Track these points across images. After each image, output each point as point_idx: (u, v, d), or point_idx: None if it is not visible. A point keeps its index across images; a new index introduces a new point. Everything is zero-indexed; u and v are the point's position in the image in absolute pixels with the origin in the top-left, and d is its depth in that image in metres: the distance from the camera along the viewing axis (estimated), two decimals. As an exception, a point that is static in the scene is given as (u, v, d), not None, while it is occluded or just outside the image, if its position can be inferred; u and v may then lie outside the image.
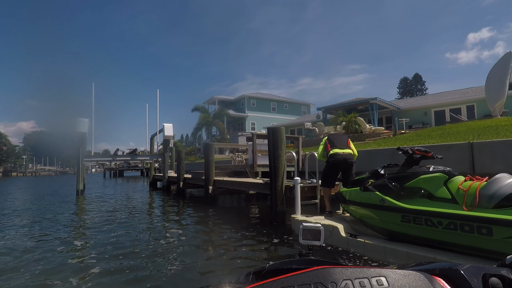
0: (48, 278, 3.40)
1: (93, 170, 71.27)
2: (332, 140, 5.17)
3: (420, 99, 25.01)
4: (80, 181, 13.83)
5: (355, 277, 0.39)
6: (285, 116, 41.44)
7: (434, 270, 0.47)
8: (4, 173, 48.12)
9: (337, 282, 0.39)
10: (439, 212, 3.05)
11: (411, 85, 62.57)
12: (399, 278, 0.41)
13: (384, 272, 0.40)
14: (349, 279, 0.39)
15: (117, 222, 6.90)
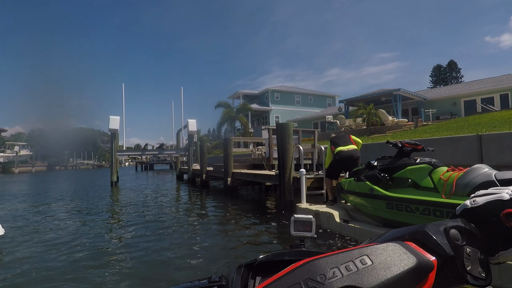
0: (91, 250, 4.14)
1: (126, 163, 75.14)
2: (335, 141, 5.49)
3: (449, 89, 23.93)
4: (113, 174, 15.07)
5: (340, 263, 0.40)
6: (310, 108, 41.19)
7: (404, 236, 0.50)
8: (49, 167, 52.34)
9: (325, 273, 0.39)
10: (415, 199, 3.37)
11: (445, 73, 59.26)
12: (380, 253, 0.43)
13: (365, 251, 0.42)
14: (335, 266, 0.40)
15: (146, 209, 7.71)
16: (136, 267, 3.58)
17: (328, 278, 0.39)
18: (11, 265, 3.66)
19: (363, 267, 0.40)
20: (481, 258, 0.50)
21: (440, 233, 0.49)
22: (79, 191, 13.88)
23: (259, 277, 0.62)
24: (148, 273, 3.41)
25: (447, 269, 0.47)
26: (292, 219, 0.91)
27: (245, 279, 0.60)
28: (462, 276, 0.47)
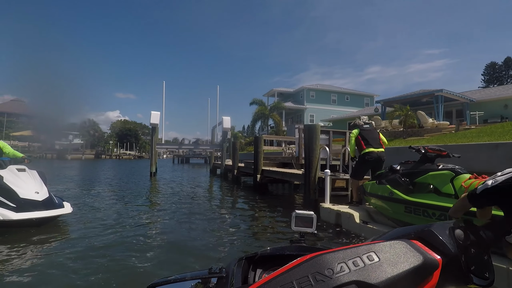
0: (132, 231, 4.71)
1: (164, 156, 78.86)
2: (365, 137, 5.52)
3: (500, 89, 22.03)
4: (153, 165, 16.15)
5: (348, 259, 0.41)
6: (346, 108, 40.22)
7: (410, 234, 0.50)
8: (96, 156, 56.76)
9: (333, 267, 0.40)
10: (432, 205, 3.43)
11: (500, 71, 54.45)
12: (387, 250, 0.43)
13: (372, 247, 0.42)
14: (342, 261, 0.40)
15: (180, 198, 8.33)
16: (160, 247, 4.05)
17: (336, 272, 0.39)
18: (77, 238, 4.33)
19: (370, 263, 0.41)
20: (485, 258, 0.51)
21: (446, 232, 0.50)
22: (123, 178, 15.13)
23: (259, 270, 0.64)
24: (169, 255, 3.83)
25: (452, 268, 0.48)
26: (293, 215, 0.93)
27: (246, 272, 0.61)
28: (466, 275, 0.49)
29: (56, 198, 5.12)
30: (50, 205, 4.76)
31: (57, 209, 4.78)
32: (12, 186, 4.61)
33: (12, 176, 4.75)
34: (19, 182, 4.73)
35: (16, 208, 4.41)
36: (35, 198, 4.63)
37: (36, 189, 4.77)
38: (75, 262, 3.41)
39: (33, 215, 4.43)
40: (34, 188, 4.78)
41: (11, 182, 4.65)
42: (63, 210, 4.87)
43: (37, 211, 4.50)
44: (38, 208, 4.55)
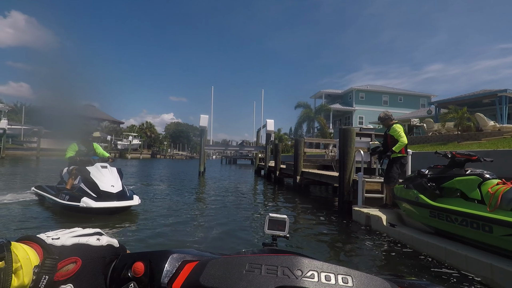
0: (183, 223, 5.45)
1: (213, 157, 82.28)
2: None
3: None
4: (201, 165, 17.31)
5: (322, 271, 0.40)
6: (399, 109, 38.16)
7: (403, 283, 0.48)
8: (152, 155, 61.63)
9: (303, 271, 0.39)
10: (454, 210, 3.49)
11: None
12: (365, 281, 0.41)
13: (352, 272, 0.41)
14: (315, 270, 0.40)
15: (224, 194, 9.03)
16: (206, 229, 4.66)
17: (303, 276, 0.39)
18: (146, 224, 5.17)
19: (342, 284, 0.39)
20: None
21: None
22: (176, 176, 16.60)
23: None
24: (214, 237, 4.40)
25: None
26: (266, 218, 0.93)
27: None
28: None
29: (128, 191, 6.05)
30: (122, 197, 5.65)
31: (127, 201, 5.65)
32: (96, 180, 5.64)
33: (97, 172, 5.82)
34: (101, 176, 5.74)
35: (96, 198, 5.36)
36: (110, 190, 5.57)
37: (112, 183, 5.72)
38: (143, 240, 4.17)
39: (108, 205, 5.33)
40: (111, 182, 5.73)
41: (95, 176, 5.70)
42: (132, 202, 5.73)
43: (111, 202, 5.40)
44: (113, 199, 5.46)
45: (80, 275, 0.43)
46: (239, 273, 0.40)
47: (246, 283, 0.38)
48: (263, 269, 0.40)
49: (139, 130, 68.08)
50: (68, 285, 0.41)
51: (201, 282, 0.40)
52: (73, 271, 0.42)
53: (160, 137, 77.82)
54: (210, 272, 0.41)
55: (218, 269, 0.41)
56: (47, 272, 0.39)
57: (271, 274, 0.39)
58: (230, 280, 0.39)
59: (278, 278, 0.38)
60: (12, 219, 4.94)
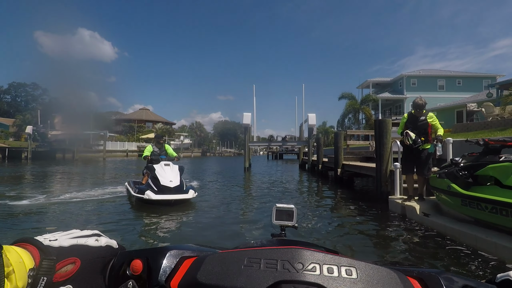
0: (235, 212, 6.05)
1: (261, 153, 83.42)
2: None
3: None
4: (246, 161, 18.04)
5: (324, 263, 0.38)
6: (458, 94, 34.96)
7: (412, 272, 0.45)
8: (202, 153, 64.88)
9: (304, 263, 0.38)
10: (484, 198, 3.48)
11: None
12: (370, 272, 0.39)
13: (356, 264, 0.39)
14: (317, 263, 0.38)
15: (266, 187, 9.52)
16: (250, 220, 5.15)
17: (305, 269, 0.37)
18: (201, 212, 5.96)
19: (345, 277, 0.37)
20: None
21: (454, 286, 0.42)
22: (224, 172, 17.81)
23: None
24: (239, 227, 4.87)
25: None
26: (273, 208, 0.91)
27: None
28: None
29: (186, 186, 6.87)
30: (179, 191, 6.44)
31: (183, 195, 6.42)
32: (158, 176, 6.53)
33: (160, 169, 6.74)
34: (163, 173, 6.63)
35: (156, 191, 6.22)
36: (169, 185, 6.40)
37: (171, 179, 6.55)
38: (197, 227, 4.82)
39: (165, 197, 6.14)
40: (170, 178, 6.56)
41: (158, 173, 6.60)
42: (187, 195, 6.46)
43: (168, 195, 6.21)
44: (170, 192, 6.26)
45: (79, 276, 0.42)
46: (237, 268, 0.39)
47: (245, 278, 0.37)
48: (262, 264, 0.38)
49: (190, 130, 72.03)
50: (67, 286, 0.41)
51: (198, 279, 0.39)
52: (72, 271, 0.42)
53: (209, 136, 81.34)
54: (208, 269, 0.40)
55: (216, 265, 0.41)
56: (45, 274, 0.39)
57: (271, 269, 0.38)
58: (229, 276, 0.38)
59: (278, 272, 0.37)
60: (97, 212, 5.96)
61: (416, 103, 5.23)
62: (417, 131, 5.21)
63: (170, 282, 0.42)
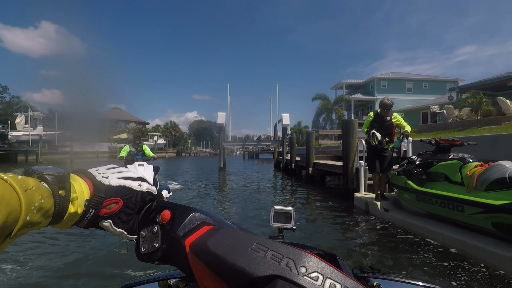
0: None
1: (237, 152, 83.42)
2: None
3: None
4: (221, 160, 18.02)
5: (329, 276, 0.36)
6: (423, 96, 36.89)
7: None
8: (177, 154, 63.79)
9: (308, 269, 0.36)
10: (433, 193, 3.79)
11: None
12: None
13: None
14: (321, 274, 0.36)
15: (239, 186, 9.58)
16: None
17: (307, 274, 0.36)
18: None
19: None
20: None
21: None
22: (198, 172, 17.69)
23: None
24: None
25: None
26: (272, 211, 0.91)
27: None
28: None
29: (160, 186, 6.80)
30: None
31: None
32: None
33: (133, 169, 6.60)
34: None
35: None
36: None
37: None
38: None
39: None
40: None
41: None
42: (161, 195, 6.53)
43: None
44: None
45: (119, 215, 0.47)
46: (244, 248, 0.40)
47: (247, 260, 0.38)
48: (268, 254, 0.38)
49: (164, 130, 70.50)
50: (108, 221, 0.46)
51: (208, 245, 0.41)
52: (114, 210, 0.46)
53: (184, 136, 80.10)
54: (218, 239, 0.42)
55: (226, 238, 0.42)
56: (94, 207, 0.43)
57: (274, 261, 0.37)
58: (234, 252, 0.39)
59: (280, 267, 0.37)
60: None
61: (384, 103, 5.34)
62: (383, 131, 5.35)
63: (186, 239, 0.45)
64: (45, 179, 0.38)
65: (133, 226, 0.49)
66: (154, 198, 0.53)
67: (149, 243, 0.46)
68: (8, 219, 0.31)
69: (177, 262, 0.45)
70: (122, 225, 0.47)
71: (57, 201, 0.38)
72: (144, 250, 0.46)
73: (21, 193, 0.33)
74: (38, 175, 0.39)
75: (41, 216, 0.35)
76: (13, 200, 0.32)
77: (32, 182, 0.36)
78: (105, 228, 0.46)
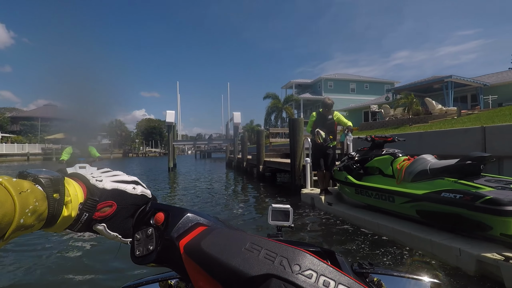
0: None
1: (189, 152, 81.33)
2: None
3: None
4: (170, 161, 17.42)
5: (323, 273, 0.36)
6: (365, 96, 39.76)
7: None
8: (124, 154, 60.08)
9: (302, 267, 0.36)
10: (369, 186, 4.13)
11: (532, 51, 51.00)
12: None
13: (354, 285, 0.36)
14: (316, 271, 0.36)
15: (195, 184, 9.36)
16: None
17: (301, 272, 0.36)
18: None
19: None
20: None
21: None
22: (146, 173, 16.85)
23: None
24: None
25: None
26: (270, 209, 0.92)
27: None
28: None
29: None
30: None
31: None
32: None
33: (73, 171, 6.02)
34: None
35: None
36: None
37: None
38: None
39: None
40: None
41: None
42: None
43: None
44: None
45: (113, 218, 0.47)
46: (238, 248, 0.40)
47: (241, 260, 0.38)
48: (262, 253, 0.38)
49: (108, 128, 65.80)
50: (102, 224, 0.45)
51: (202, 245, 0.41)
52: (108, 213, 0.46)
53: (132, 135, 75.76)
54: (212, 240, 0.42)
55: (220, 238, 0.42)
56: (88, 211, 0.43)
57: (268, 260, 0.37)
58: (228, 253, 0.39)
59: (273, 266, 0.36)
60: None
61: (325, 103, 5.65)
62: (326, 129, 5.60)
63: (180, 240, 0.44)
64: (40, 182, 0.38)
65: (127, 229, 0.49)
66: (148, 200, 0.53)
67: (143, 246, 0.46)
68: (2, 222, 0.31)
69: (172, 264, 0.45)
70: (116, 228, 0.47)
71: (51, 204, 0.38)
72: (139, 253, 0.46)
73: (16, 195, 0.33)
74: (32, 178, 0.38)
75: (35, 219, 0.35)
76: (8, 203, 0.32)
77: (27, 185, 0.35)
78: (99, 231, 0.46)
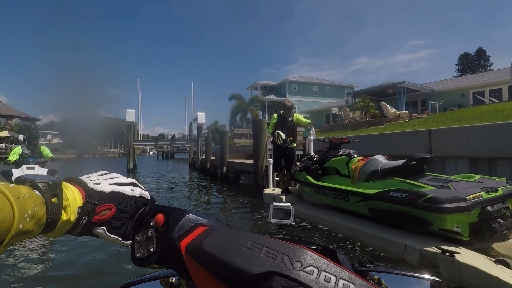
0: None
1: (151, 152, 78.43)
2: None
3: (459, 80, 23.64)
4: (130, 162, 16.68)
5: (324, 270, 0.36)
6: (327, 99, 41.18)
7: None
8: (78, 155, 56.19)
9: (303, 263, 0.36)
10: (326, 186, 4.30)
11: (472, 61, 56.50)
12: None
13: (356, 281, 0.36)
14: (317, 267, 0.36)
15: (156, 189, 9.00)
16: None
17: (302, 269, 0.36)
18: None
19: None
20: None
21: None
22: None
23: None
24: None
25: None
26: (271, 207, 0.93)
27: None
28: None
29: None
30: None
31: None
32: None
33: (19, 173, 5.43)
34: None
35: None
36: None
37: None
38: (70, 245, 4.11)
39: None
40: None
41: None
42: None
43: None
44: None
45: (113, 221, 0.47)
46: (239, 247, 0.40)
47: (243, 258, 0.38)
48: (263, 251, 0.39)
49: (60, 127, 61.27)
50: (102, 227, 0.46)
51: (203, 246, 0.41)
52: (108, 216, 0.46)
53: (88, 134, 71.11)
54: (213, 240, 0.42)
55: (221, 238, 0.42)
56: (87, 214, 0.44)
57: (270, 258, 0.38)
58: (229, 252, 0.40)
59: (275, 263, 0.37)
60: None
61: (285, 105, 5.78)
62: (286, 131, 5.71)
63: (181, 241, 0.45)
64: (38, 187, 0.38)
65: (127, 231, 0.49)
66: (147, 202, 0.53)
67: (144, 248, 0.46)
68: (1, 227, 0.31)
69: (173, 264, 0.45)
70: (116, 231, 0.47)
71: (50, 209, 0.38)
72: (140, 255, 0.46)
73: (14, 201, 0.33)
74: (30, 183, 0.38)
75: (34, 224, 0.35)
76: (6, 209, 0.32)
77: (25, 190, 0.36)
78: (99, 235, 0.46)
